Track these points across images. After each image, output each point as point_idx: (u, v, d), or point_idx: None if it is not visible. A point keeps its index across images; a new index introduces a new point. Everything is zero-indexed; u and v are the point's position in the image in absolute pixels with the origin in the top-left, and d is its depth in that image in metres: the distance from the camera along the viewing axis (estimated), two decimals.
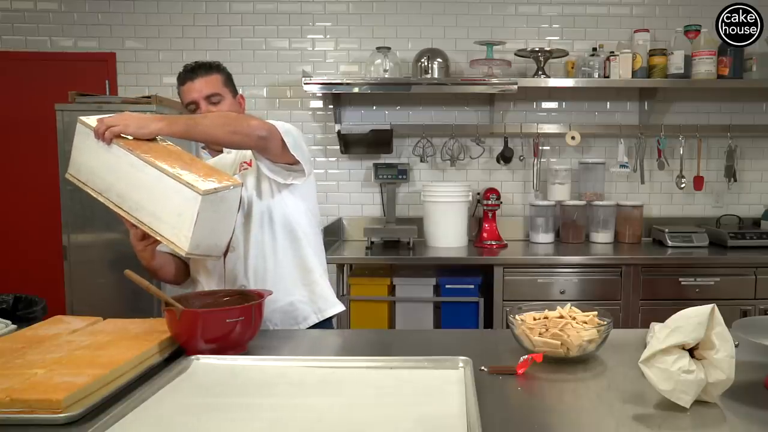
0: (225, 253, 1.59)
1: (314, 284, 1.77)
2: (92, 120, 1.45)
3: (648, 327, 1.43)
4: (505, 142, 3.49)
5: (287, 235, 1.73)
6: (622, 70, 3.23)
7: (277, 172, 1.63)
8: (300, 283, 1.75)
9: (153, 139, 1.47)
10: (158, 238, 1.40)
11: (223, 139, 1.53)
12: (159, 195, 1.38)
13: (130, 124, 1.42)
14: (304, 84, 3.12)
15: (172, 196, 1.36)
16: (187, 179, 1.35)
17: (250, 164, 1.73)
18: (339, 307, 1.82)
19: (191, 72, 1.73)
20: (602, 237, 3.40)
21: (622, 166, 3.47)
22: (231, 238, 1.56)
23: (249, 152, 1.72)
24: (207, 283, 1.72)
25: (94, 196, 1.47)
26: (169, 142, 1.53)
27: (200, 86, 1.71)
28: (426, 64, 3.28)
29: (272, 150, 1.57)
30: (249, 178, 1.71)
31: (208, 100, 1.71)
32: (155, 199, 1.39)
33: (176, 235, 1.37)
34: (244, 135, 1.51)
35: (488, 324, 2.96)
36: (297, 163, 1.63)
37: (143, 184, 1.40)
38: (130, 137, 1.42)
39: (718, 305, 1.06)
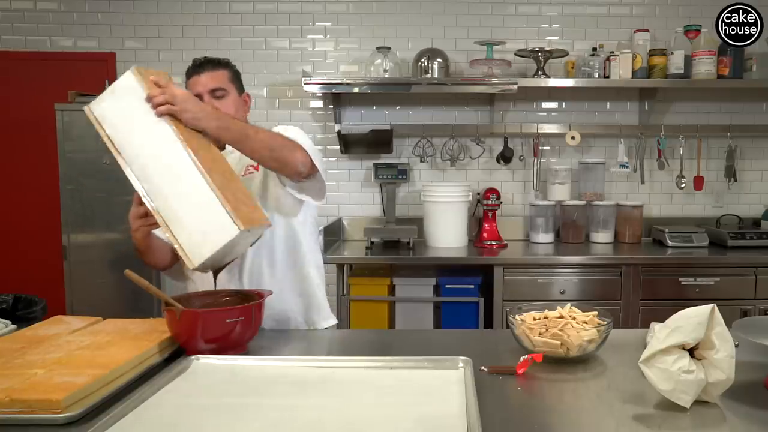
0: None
1: (311, 296, 1.77)
2: (149, 76, 1.37)
3: (648, 327, 1.43)
4: (505, 142, 3.49)
5: (288, 240, 1.73)
6: (622, 70, 3.22)
7: (296, 191, 1.67)
8: (296, 292, 1.74)
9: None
10: (169, 238, 1.34)
11: (264, 161, 1.55)
12: (193, 203, 1.33)
13: (188, 110, 1.38)
14: (304, 84, 3.12)
15: (208, 213, 1.32)
16: (231, 208, 1.31)
17: (257, 168, 1.72)
18: (332, 321, 1.82)
19: (199, 66, 1.73)
20: (602, 237, 3.39)
21: (622, 166, 3.47)
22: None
23: None
24: (201, 283, 1.71)
25: (111, 150, 1.38)
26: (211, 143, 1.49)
27: (206, 80, 1.71)
28: (426, 64, 3.28)
29: (301, 176, 1.62)
30: (254, 182, 1.71)
31: (212, 93, 1.70)
32: (188, 204, 1.34)
33: (192, 248, 1.33)
34: (284, 164, 1.53)
35: (488, 324, 2.96)
36: (313, 176, 1.65)
37: (180, 183, 1.34)
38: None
39: (718, 305, 1.06)
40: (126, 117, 1.36)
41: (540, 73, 3.32)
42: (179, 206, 1.34)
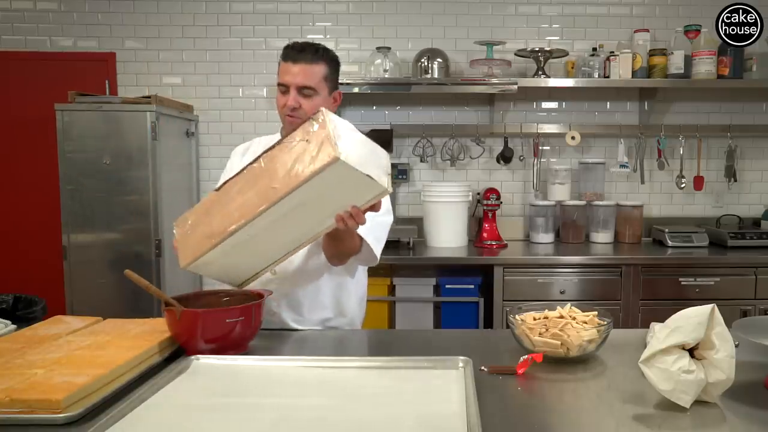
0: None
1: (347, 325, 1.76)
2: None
3: (648, 327, 1.43)
4: (505, 142, 3.49)
5: (334, 279, 1.71)
6: (622, 70, 3.22)
7: None
8: (324, 326, 1.72)
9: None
10: (211, 238, 1.35)
11: (328, 253, 1.59)
12: (258, 252, 1.41)
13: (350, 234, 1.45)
14: None
15: (252, 265, 1.44)
16: (255, 278, 1.49)
17: None
18: None
19: (299, 52, 1.60)
20: (602, 237, 3.39)
21: (622, 166, 3.47)
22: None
23: None
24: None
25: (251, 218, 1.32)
26: None
27: (298, 73, 1.58)
28: (426, 64, 3.28)
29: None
30: None
31: (300, 91, 1.60)
32: (255, 249, 1.39)
33: (203, 262, 1.40)
34: (335, 260, 1.59)
35: (488, 324, 2.96)
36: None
37: (283, 241, 1.41)
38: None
39: (718, 305, 1.06)
40: (331, 190, 1.27)
41: (540, 73, 3.32)
42: (255, 245, 1.37)
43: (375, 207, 1.36)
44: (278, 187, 1.24)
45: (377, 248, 1.61)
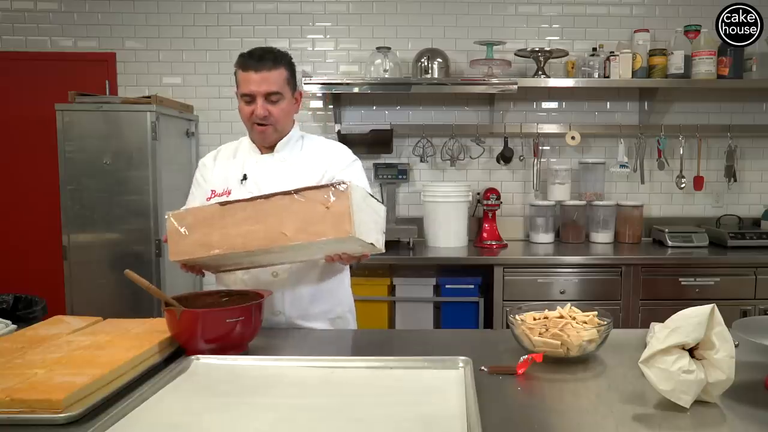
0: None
1: (345, 321, 1.79)
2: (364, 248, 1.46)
3: (648, 327, 1.43)
4: (505, 142, 3.49)
5: (335, 272, 1.74)
6: (622, 70, 3.22)
7: None
8: (331, 316, 1.75)
9: None
10: (218, 248, 1.41)
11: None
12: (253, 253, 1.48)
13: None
14: (304, 84, 3.11)
15: (246, 263, 1.54)
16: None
17: None
18: None
19: (257, 61, 1.60)
20: (602, 237, 3.39)
21: (622, 166, 3.47)
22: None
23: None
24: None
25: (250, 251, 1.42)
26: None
27: (262, 81, 1.59)
28: (426, 64, 3.28)
29: None
30: None
31: (267, 98, 1.62)
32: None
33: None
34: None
35: (488, 324, 2.96)
36: None
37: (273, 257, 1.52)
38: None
39: (718, 305, 1.06)
40: (334, 245, 1.42)
41: (540, 73, 3.32)
42: (247, 259, 1.48)
43: (365, 256, 1.52)
44: (289, 236, 1.35)
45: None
